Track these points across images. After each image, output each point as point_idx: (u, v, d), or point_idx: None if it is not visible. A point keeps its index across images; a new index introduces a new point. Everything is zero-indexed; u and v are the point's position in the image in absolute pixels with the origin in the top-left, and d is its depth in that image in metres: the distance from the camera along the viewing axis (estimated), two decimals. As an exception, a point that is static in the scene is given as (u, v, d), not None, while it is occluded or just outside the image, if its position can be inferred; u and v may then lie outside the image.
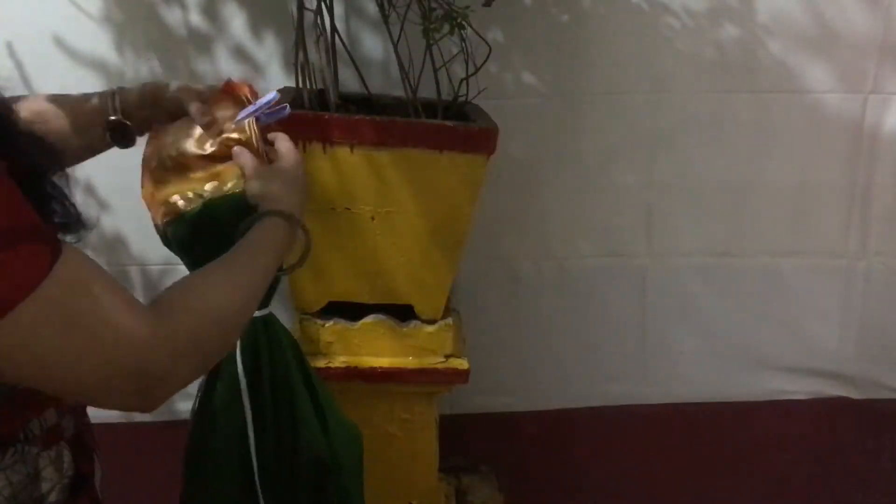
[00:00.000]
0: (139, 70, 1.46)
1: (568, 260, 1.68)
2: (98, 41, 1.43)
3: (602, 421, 1.77)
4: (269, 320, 1.05)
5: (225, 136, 0.91)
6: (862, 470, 1.81)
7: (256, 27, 1.49)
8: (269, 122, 0.94)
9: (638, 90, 1.58)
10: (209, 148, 0.90)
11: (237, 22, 1.48)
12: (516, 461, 1.75)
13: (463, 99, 1.35)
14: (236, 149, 0.90)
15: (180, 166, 0.90)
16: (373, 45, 1.50)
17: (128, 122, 0.94)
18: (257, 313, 1.01)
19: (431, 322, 1.33)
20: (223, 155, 0.90)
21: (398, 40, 1.31)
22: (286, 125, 0.95)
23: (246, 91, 0.95)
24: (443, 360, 1.34)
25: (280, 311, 1.66)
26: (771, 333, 1.74)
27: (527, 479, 1.75)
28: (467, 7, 1.24)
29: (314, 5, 1.29)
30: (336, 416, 1.09)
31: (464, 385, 1.35)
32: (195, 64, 1.47)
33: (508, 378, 1.72)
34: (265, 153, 0.91)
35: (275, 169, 0.90)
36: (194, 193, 0.90)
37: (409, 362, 1.33)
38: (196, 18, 1.46)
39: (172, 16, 1.45)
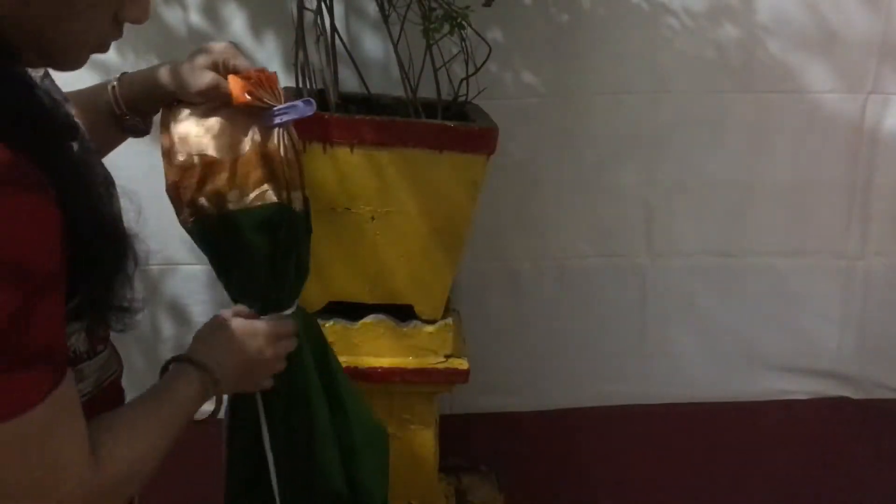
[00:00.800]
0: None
1: (568, 260, 1.68)
2: (98, 41, 1.43)
3: (602, 421, 1.77)
4: None
5: (258, 142, 0.88)
6: (862, 470, 1.81)
7: (256, 27, 1.49)
8: (290, 121, 0.90)
9: (638, 90, 1.58)
10: (239, 152, 0.87)
11: (237, 22, 1.48)
12: (517, 461, 1.75)
13: (463, 99, 1.35)
14: None
15: (207, 166, 0.87)
16: (373, 45, 1.50)
17: (137, 118, 0.91)
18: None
19: (431, 322, 1.33)
20: (252, 160, 0.88)
21: (398, 40, 1.31)
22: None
23: (267, 84, 0.89)
24: (443, 360, 1.34)
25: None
26: (771, 333, 1.74)
27: (527, 479, 1.75)
28: (467, 7, 1.24)
29: (314, 5, 1.29)
30: (357, 416, 1.05)
31: (464, 385, 1.35)
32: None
33: (508, 378, 1.72)
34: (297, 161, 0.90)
35: (235, 325, 0.88)
36: (218, 198, 0.87)
37: (409, 362, 1.33)
38: (196, 18, 1.46)
39: (173, 16, 1.45)
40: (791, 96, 1.60)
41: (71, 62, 0.67)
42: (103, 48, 0.69)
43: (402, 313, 1.34)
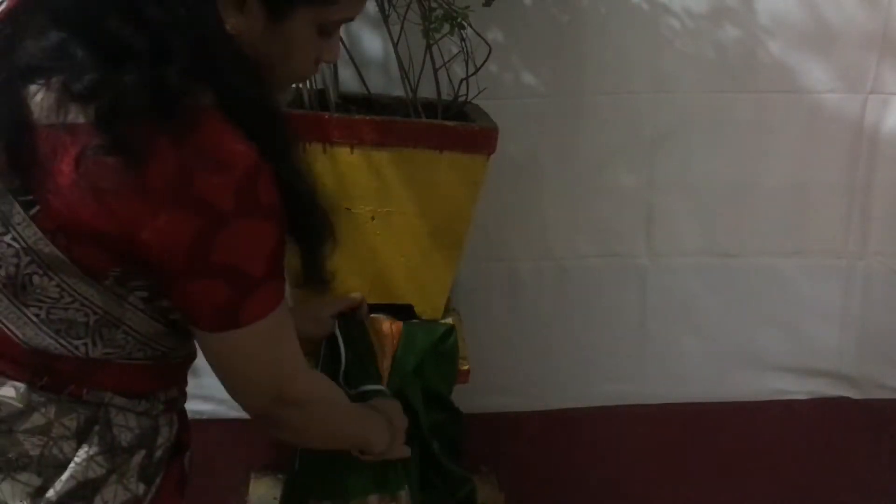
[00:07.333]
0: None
1: (568, 260, 1.68)
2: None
3: (602, 421, 1.77)
4: None
5: None
6: (862, 470, 1.81)
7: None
8: None
9: (638, 90, 1.58)
10: None
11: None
12: (516, 461, 1.75)
13: (463, 99, 1.34)
14: None
15: None
16: (373, 45, 1.50)
17: None
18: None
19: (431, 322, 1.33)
20: None
21: (398, 40, 1.31)
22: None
23: None
24: (443, 359, 1.34)
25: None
26: (771, 333, 1.74)
27: (527, 479, 1.75)
28: (467, 7, 1.24)
29: (314, 5, 1.28)
30: None
31: (464, 385, 1.35)
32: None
33: (508, 378, 1.72)
34: None
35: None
36: None
37: (410, 362, 1.33)
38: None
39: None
40: (791, 96, 1.60)
41: (282, 91, 0.87)
42: (304, 80, 0.91)
43: (402, 313, 1.34)
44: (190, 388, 1.66)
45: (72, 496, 0.77)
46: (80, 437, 0.78)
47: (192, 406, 1.65)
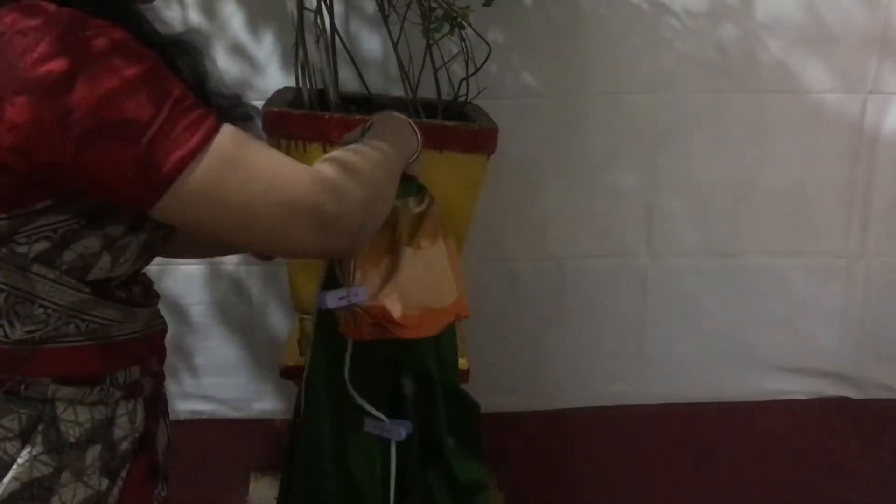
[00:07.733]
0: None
1: (568, 260, 1.68)
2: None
3: (602, 421, 1.77)
4: None
5: None
6: (862, 470, 1.81)
7: (256, 26, 1.48)
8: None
9: (638, 90, 1.58)
10: None
11: (236, 21, 1.48)
12: (517, 461, 1.75)
13: (463, 99, 1.34)
14: None
15: None
16: (373, 44, 1.50)
17: None
18: None
19: (431, 322, 1.33)
20: None
21: (398, 40, 1.31)
22: (286, 123, 0.95)
23: None
24: (443, 359, 1.33)
25: (279, 310, 1.66)
26: (771, 333, 1.74)
27: (527, 478, 1.75)
28: (467, 7, 1.24)
29: (314, 5, 1.29)
30: None
31: (464, 385, 1.34)
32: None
33: (508, 378, 1.72)
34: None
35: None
36: None
37: (410, 362, 1.33)
38: (195, 16, 1.46)
39: (171, 14, 1.45)
40: (791, 96, 1.60)
41: None
42: None
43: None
44: (190, 388, 1.68)
45: (17, 498, 0.74)
46: (25, 438, 0.74)
47: (192, 406, 1.68)
